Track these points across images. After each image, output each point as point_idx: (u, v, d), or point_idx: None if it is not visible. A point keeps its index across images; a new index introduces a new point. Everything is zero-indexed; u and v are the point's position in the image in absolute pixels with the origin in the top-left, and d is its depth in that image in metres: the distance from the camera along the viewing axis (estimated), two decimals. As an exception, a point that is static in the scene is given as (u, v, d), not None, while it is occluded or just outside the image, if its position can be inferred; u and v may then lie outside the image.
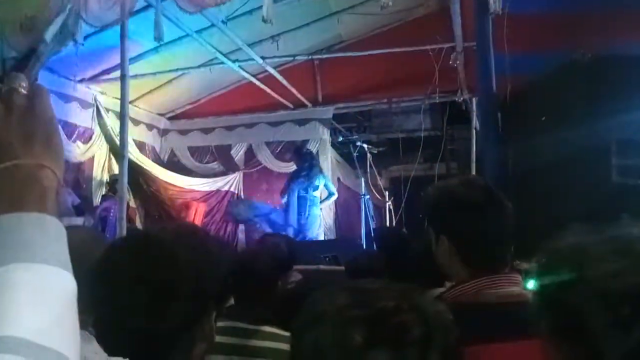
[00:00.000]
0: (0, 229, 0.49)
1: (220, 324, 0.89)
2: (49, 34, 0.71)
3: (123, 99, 3.86)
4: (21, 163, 0.52)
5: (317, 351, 0.59)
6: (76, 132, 6.20)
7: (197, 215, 7.12)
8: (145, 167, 6.94)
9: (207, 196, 7.70)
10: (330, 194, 6.61)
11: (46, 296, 0.47)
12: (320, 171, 6.49)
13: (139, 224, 6.60)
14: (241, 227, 7.80)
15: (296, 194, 6.23)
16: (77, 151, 6.19)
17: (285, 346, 1.69)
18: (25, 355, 0.42)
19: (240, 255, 2.18)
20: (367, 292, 0.63)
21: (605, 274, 0.59)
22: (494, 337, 1.02)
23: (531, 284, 1.33)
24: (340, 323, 0.59)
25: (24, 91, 0.57)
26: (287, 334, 1.68)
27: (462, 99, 6.24)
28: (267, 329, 1.75)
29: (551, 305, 0.66)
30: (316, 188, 6.29)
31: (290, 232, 6.00)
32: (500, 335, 1.05)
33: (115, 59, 4.52)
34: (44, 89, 0.58)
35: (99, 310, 0.83)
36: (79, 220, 5.34)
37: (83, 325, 1.07)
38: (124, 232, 3.61)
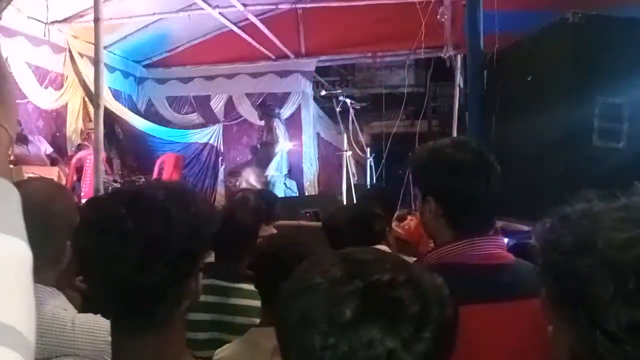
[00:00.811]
0: None
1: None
2: None
3: (97, 43, 3.70)
4: None
5: (307, 322, 0.57)
6: (48, 78, 5.95)
7: (175, 167, 7.03)
8: (121, 116, 6.75)
9: (186, 148, 7.58)
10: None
11: None
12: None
13: (115, 175, 6.48)
14: (220, 180, 7.75)
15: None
16: (49, 98, 5.96)
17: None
18: None
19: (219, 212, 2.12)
20: (361, 264, 0.60)
21: (615, 243, 0.58)
22: (476, 298, 1.02)
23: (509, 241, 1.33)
24: (332, 295, 0.57)
25: None
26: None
27: (447, 55, 6.14)
28: (246, 286, 1.73)
29: (555, 269, 0.64)
30: None
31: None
32: (482, 297, 1.06)
33: (89, 1, 4.28)
34: None
35: (85, 263, 0.82)
36: (53, 170, 5.21)
37: (49, 282, 1.04)
38: (100, 184, 3.55)
